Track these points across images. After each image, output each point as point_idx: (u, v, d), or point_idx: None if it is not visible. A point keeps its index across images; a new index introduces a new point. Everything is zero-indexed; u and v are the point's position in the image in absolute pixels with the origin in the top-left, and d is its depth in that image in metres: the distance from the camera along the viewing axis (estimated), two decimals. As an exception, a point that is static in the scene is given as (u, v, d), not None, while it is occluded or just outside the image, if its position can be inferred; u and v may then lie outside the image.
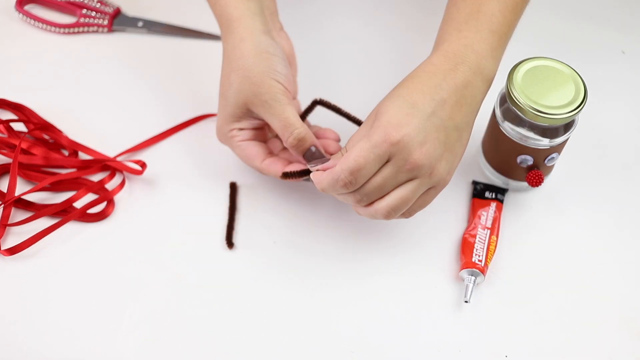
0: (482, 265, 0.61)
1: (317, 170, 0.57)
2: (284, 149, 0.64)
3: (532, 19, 0.84)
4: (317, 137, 0.62)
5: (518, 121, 0.61)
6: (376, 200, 0.55)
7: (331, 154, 0.60)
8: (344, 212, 0.66)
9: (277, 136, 0.65)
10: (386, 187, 0.55)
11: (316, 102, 0.64)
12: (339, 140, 0.63)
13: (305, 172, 0.59)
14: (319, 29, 0.81)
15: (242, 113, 0.60)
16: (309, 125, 0.65)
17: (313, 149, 0.59)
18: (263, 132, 0.64)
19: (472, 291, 0.60)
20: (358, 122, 0.64)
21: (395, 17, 0.83)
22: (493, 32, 0.58)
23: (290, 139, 0.58)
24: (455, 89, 0.56)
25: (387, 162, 0.54)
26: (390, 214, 0.56)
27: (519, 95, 0.60)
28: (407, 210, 0.57)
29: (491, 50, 0.58)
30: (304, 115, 0.64)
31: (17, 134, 0.69)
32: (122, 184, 0.66)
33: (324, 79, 0.76)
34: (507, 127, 0.62)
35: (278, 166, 0.61)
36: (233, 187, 0.67)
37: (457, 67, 0.56)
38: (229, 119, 0.61)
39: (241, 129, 0.61)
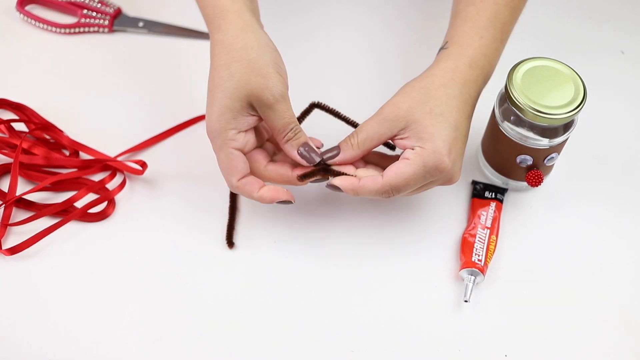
0: (482, 264, 0.61)
1: (334, 166, 0.59)
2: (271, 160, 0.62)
3: (532, 19, 0.84)
4: None
5: (518, 121, 0.62)
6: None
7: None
8: (344, 213, 0.66)
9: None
10: (413, 189, 0.59)
11: (313, 105, 0.64)
12: (321, 146, 0.63)
13: (317, 171, 0.59)
14: (315, 30, 0.81)
15: (241, 107, 0.56)
16: None
17: (302, 149, 0.58)
18: (259, 133, 0.61)
19: (471, 291, 0.60)
20: (355, 125, 0.64)
21: (393, 18, 0.83)
22: (502, 41, 0.63)
23: (290, 133, 0.57)
24: (474, 101, 0.61)
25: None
26: (389, 194, 0.59)
27: (518, 96, 0.60)
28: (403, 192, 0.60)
29: (498, 57, 0.63)
30: (301, 118, 0.64)
31: (18, 133, 0.69)
32: (123, 184, 0.66)
33: (320, 81, 0.76)
34: (507, 127, 0.62)
35: (286, 169, 0.60)
36: (233, 187, 0.67)
37: (477, 78, 0.60)
38: (225, 113, 0.56)
39: (238, 132, 0.57)
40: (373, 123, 0.58)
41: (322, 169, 0.59)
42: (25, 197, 0.65)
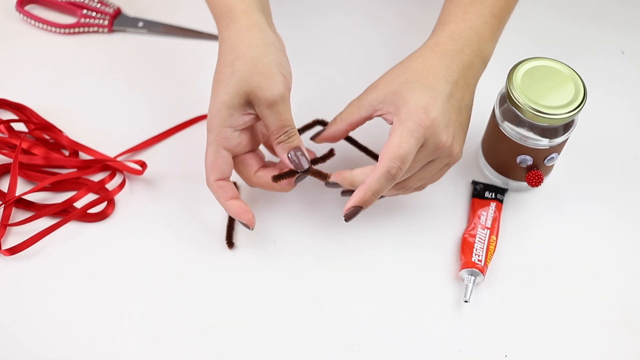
0: (482, 265, 0.61)
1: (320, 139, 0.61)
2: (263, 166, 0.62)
3: (532, 19, 0.84)
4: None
5: (518, 121, 0.62)
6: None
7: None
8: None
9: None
10: (416, 169, 0.58)
11: (316, 122, 0.64)
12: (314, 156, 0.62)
13: (294, 172, 0.58)
14: (312, 26, 0.81)
15: (239, 104, 0.56)
16: None
17: (292, 153, 0.58)
18: (253, 136, 0.61)
19: (471, 291, 0.60)
20: (361, 147, 0.65)
21: (390, 14, 0.83)
22: (494, 16, 0.62)
23: (283, 136, 0.57)
24: (462, 70, 0.59)
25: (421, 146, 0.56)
26: (408, 190, 0.60)
27: (518, 96, 0.60)
28: (421, 185, 0.60)
29: (491, 34, 0.61)
30: (301, 131, 0.64)
31: (18, 134, 0.69)
32: (123, 184, 0.66)
33: (319, 80, 0.76)
34: (507, 127, 0.62)
35: (270, 175, 0.59)
36: (233, 187, 0.67)
37: (463, 48, 0.59)
38: (223, 110, 0.56)
39: (234, 130, 0.58)
40: (355, 100, 0.60)
41: (294, 171, 0.59)
42: (25, 197, 0.65)
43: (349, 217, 0.58)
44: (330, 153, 0.60)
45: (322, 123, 0.65)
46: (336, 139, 0.62)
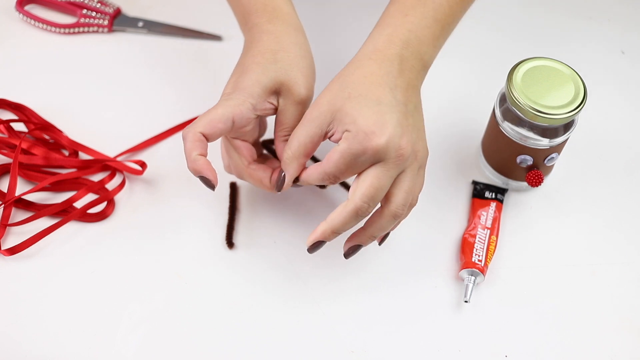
0: (482, 265, 0.61)
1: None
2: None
3: (531, 18, 0.84)
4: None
5: (518, 121, 0.62)
6: (384, 206, 0.55)
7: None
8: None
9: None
10: (385, 188, 0.54)
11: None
12: None
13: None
14: (330, 28, 0.81)
15: (270, 89, 0.56)
16: None
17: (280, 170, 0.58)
18: (260, 129, 0.62)
19: (471, 291, 0.60)
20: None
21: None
22: (437, 21, 0.59)
23: (288, 135, 0.57)
24: (401, 74, 0.56)
25: (375, 163, 0.53)
26: (400, 212, 0.55)
27: (518, 96, 0.60)
28: (411, 200, 0.56)
29: (433, 39, 0.59)
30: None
31: (18, 134, 0.69)
32: (123, 184, 0.66)
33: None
34: (507, 127, 0.62)
35: (266, 174, 0.59)
36: (233, 187, 0.67)
37: (401, 51, 0.57)
38: (255, 85, 0.56)
39: (252, 108, 0.56)
40: (301, 128, 0.56)
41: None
42: (24, 197, 0.65)
43: (312, 249, 0.56)
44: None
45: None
46: (295, 180, 0.58)
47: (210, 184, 0.56)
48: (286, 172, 0.57)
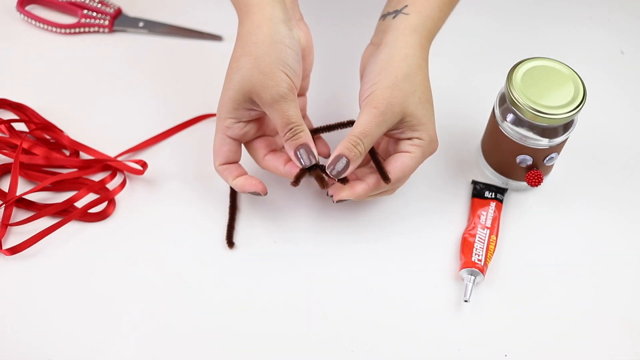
0: (482, 264, 0.61)
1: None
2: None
3: (531, 19, 0.84)
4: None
5: (517, 121, 0.62)
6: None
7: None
8: (344, 212, 0.66)
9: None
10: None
11: (350, 122, 0.62)
12: (328, 153, 0.65)
13: (304, 171, 0.59)
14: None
15: (242, 100, 0.57)
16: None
17: (299, 150, 0.58)
18: (262, 125, 0.62)
19: (471, 291, 0.60)
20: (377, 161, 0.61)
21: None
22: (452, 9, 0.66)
23: (289, 133, 0.57)
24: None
25: None
26: (395, 187, 0.62)
27: (518, 96, 0.60)
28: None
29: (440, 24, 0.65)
30: (333, 128, 0.63)
31: (19, 133, 0.69)
32: (123, 183, 0.66)
33: (336, 75, 0.76)
34: (507, 127, 0.63)
35: (279, 163, 0.61)
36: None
37: (427, 44, 0.62)
38: (227, 103, 0.58)
39: (238, 121, 0.59)
40: (374, 126, 0.57)
41: (309, 170, 0.59)
42: (25, 197, 0.65)
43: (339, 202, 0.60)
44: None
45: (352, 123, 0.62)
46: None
47: (258, 194, 0.61)
48: (352, 164, 0.57)
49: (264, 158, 0.62)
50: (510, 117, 0.62)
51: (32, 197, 0.66)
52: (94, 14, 0.80)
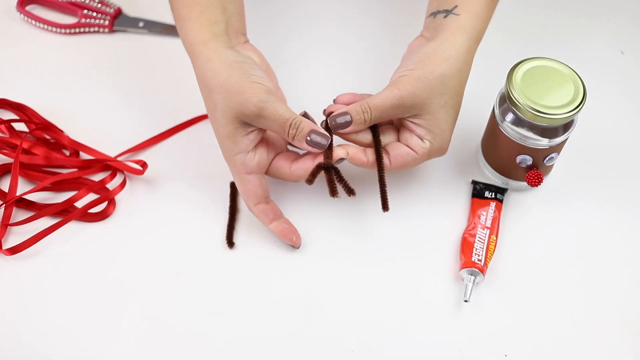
0: (482, 264, 0.61)
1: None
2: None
3: (531, 18, 0.84)
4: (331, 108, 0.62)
5: (517, 121, 0.62)
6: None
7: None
8: (344, 213, 0.66)
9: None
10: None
11: (320, 167, 0.59)
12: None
13: (319, 167, 0.58)
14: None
15: (235, 129, 0.58)
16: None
17: (309, 138, 0.57)
18: (269, 145, 0.62)
19: (471, 291, 0.60)
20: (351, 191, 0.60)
21: (388, 15, 0.83)
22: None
23: (292, 130, 0.57)
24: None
25: None
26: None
27: (518, 96, 0.60)
28: None
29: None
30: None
31: (19, 133, 0.69)
32: (123, 183, 0.66)
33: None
34: (507, 127, 0.63)
35: (309, 163, 0.60)
36: (233, 187, 0.67)
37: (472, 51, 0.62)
38: (225, 141, 0.59)
39: (246, 153, 0.59)
40: (389, 105, 0.57)
41: (325, 169, 0.58)
42: (25, 197, 0.65)
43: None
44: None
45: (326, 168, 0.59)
46: (359, 130, 0.60)
47: (291, 245, 0.63)
48: (353, 125, 0.58)
49: (291, 170, 0.61)
50: (510, 117, 0.62)
51: (32, 197, 0.66)
52: (94, 14, 0.80)
